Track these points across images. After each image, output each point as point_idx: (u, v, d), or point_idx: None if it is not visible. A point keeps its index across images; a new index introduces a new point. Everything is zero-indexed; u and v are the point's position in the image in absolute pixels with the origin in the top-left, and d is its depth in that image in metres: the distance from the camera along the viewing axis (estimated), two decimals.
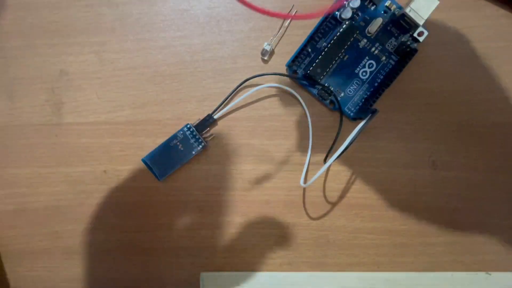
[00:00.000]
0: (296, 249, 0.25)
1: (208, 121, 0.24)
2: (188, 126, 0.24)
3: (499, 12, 0.24)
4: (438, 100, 0.25)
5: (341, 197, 0.25)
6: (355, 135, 0.21)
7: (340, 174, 0.25)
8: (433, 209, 0.25)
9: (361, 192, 0.25)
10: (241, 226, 0.25)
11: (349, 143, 0.21)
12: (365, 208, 0.25)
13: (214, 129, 0.25)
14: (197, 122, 0.24)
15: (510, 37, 0.24)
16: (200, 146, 0.24)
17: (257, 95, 0.25)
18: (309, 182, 0.22)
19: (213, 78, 0.25)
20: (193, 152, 0.24)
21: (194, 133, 0.24)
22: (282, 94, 0.25)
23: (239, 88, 0.24)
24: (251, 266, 0.25)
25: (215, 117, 0.24)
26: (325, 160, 0.23)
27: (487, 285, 0.24)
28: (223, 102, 0.24)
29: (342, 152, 0.21)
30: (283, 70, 0.25)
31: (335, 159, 0.21)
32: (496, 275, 0.24)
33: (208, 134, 0.24)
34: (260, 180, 0.25)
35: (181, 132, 0.24)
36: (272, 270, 0.25)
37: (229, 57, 0.25)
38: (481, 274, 0.24)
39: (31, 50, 0.25)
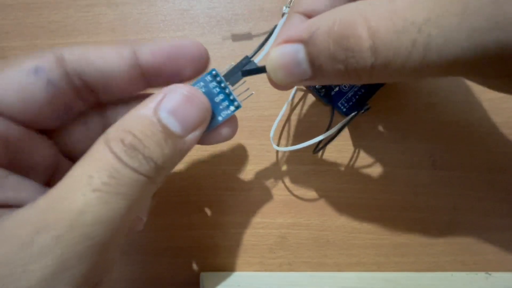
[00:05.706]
0: (296, 249, 0.25)
1: (243, 69, 0.16)
2: (214, 72, 0.15)
3: None
4: (438, 100, 0.25)
5: (341, 197, 0.25)
6: (342, 124, 0.21)
7: (340, 174, 0.25)
8: (433, 209, 0.25)
9: (361, 192, 0.25)
10: (241, 226, 0.25)
11: (336, 131, 0.21)
12: (365, 208, 0.25)
13: None
14: (226, 71, 0.16)
15: None
16: (233, 107, 0.16)
17: (256, 95, 0.25)
18: (285, 148, 0.23)
19: None
20: (220, 118, 0.16)
21: (222, 86, 0.15)
22: (281, 95, 0.25)
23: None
24: (251, 266, 0.25)
25: (256, 61, 0.16)
26: (314, 150, 0.23)
27: (487, 285, 0.24)
28: (262, 44, 0.17)
29: (329, 141, 0.21)
30: None
31: (319, 141, 0.21)
32: (496, 275, 0.24)
33: (241, 92, 0.16)
34: (260, 180, 0.25)
35: (201, 83, 0.15)
36: (272, 270, 0.25)
37: (229, 57, 0.25)
38: (481, 274, 0.24)
39: (31, 50, 0.25)
